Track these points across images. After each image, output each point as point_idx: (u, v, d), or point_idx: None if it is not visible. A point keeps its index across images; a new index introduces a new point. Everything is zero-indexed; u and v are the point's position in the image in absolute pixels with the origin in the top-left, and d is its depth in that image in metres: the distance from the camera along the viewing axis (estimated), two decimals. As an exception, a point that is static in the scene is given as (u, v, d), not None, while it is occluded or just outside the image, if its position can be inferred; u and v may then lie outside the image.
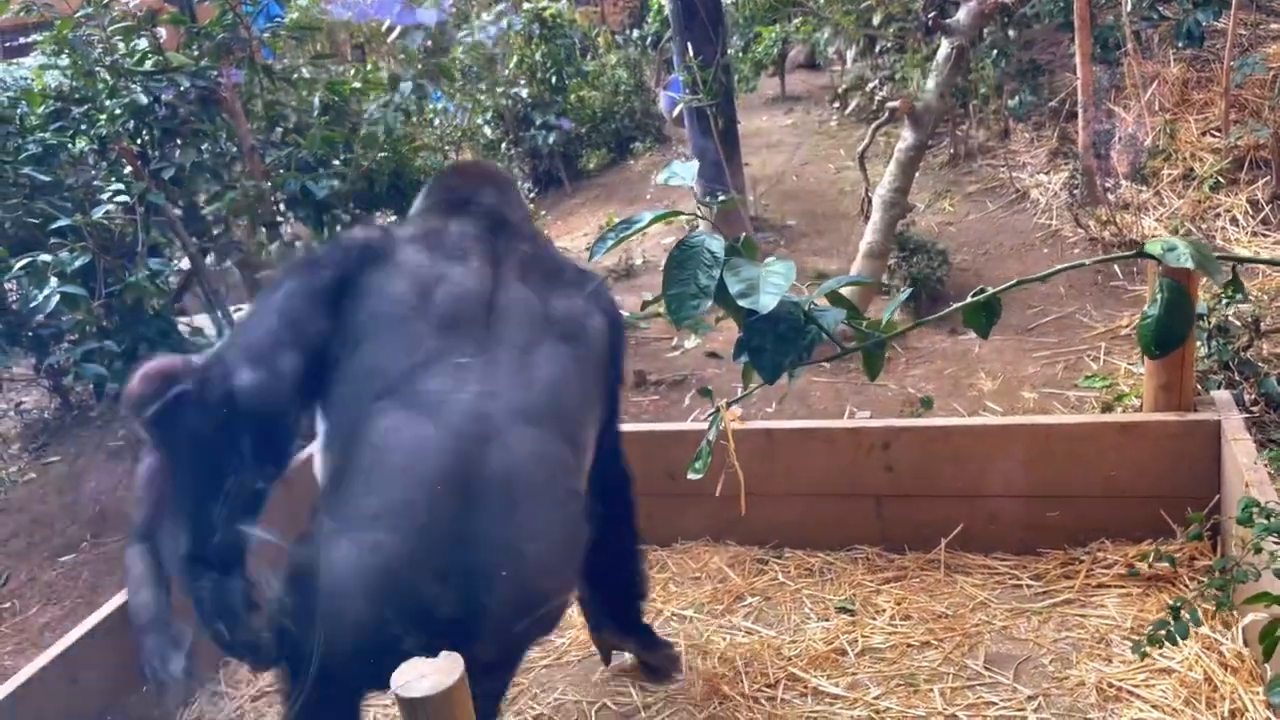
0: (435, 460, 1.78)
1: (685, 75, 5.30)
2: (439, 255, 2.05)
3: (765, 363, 1.52)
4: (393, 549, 1.74)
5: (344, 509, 1.79)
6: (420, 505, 1.75)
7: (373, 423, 1.81)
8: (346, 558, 1.75)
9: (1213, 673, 2.25)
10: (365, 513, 1.76)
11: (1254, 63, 4.96)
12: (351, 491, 1.80)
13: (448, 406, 1.81)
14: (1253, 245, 4.53)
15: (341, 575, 1.75)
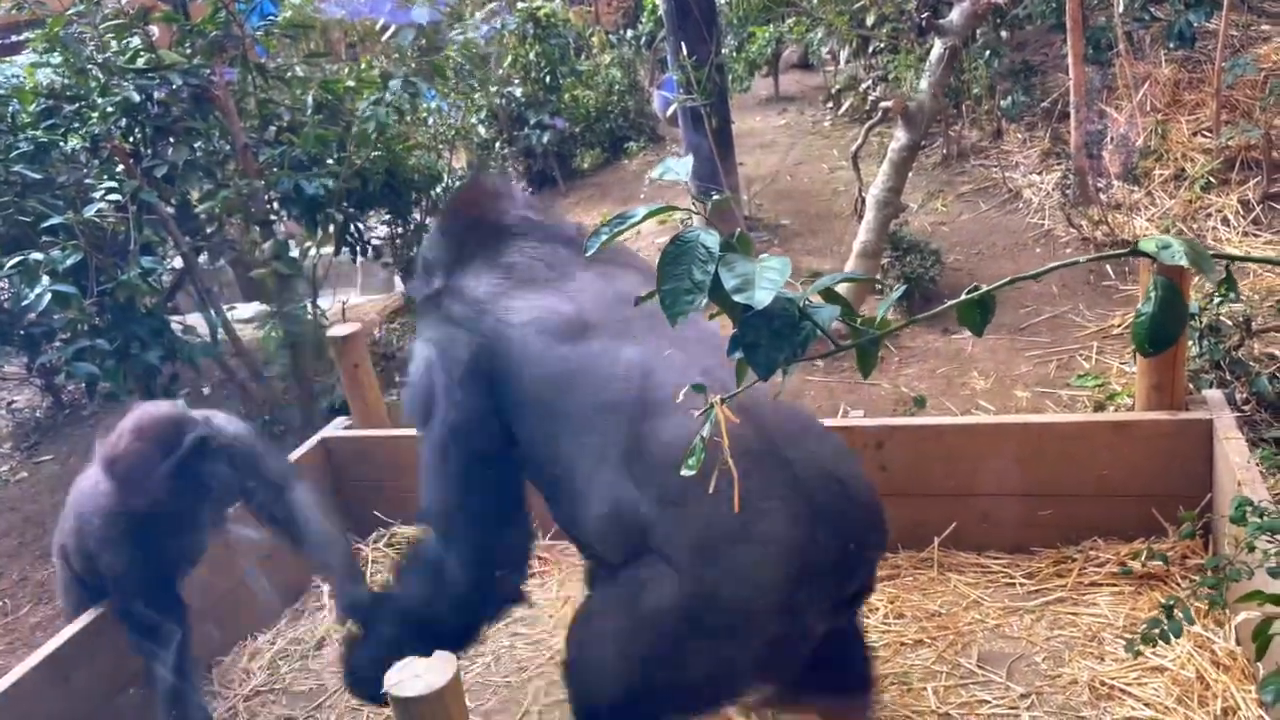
0: (758, 446, 1.78)
1: (679, 75, 5.30)
2: (541, 283, 2.10)
3: (760, 359, 1.51)
4: (796, 534, 1.74)
5: (718, 526, 1.74)
6: (784, 492, 1.76)
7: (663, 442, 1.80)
8: (763, 556, 1.73)
9: (1205, 671, 2.26)
10: (752, 514, 1.70)
11: (1245, 63, 4.98)
12: (708, 509, 1.70)
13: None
14: (1244, 245, 4.55)
15: (763, 573, 1.74)
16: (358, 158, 4.41)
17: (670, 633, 1.78)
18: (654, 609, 1.79)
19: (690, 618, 1.77)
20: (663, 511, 1.80)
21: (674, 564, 1.77)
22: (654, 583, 1.79)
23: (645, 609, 1.80)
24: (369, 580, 3.03)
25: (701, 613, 1.76)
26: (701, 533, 1.75)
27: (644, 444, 1.84)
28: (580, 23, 9.34)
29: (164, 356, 3.92)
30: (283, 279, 4.20)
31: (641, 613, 1.81)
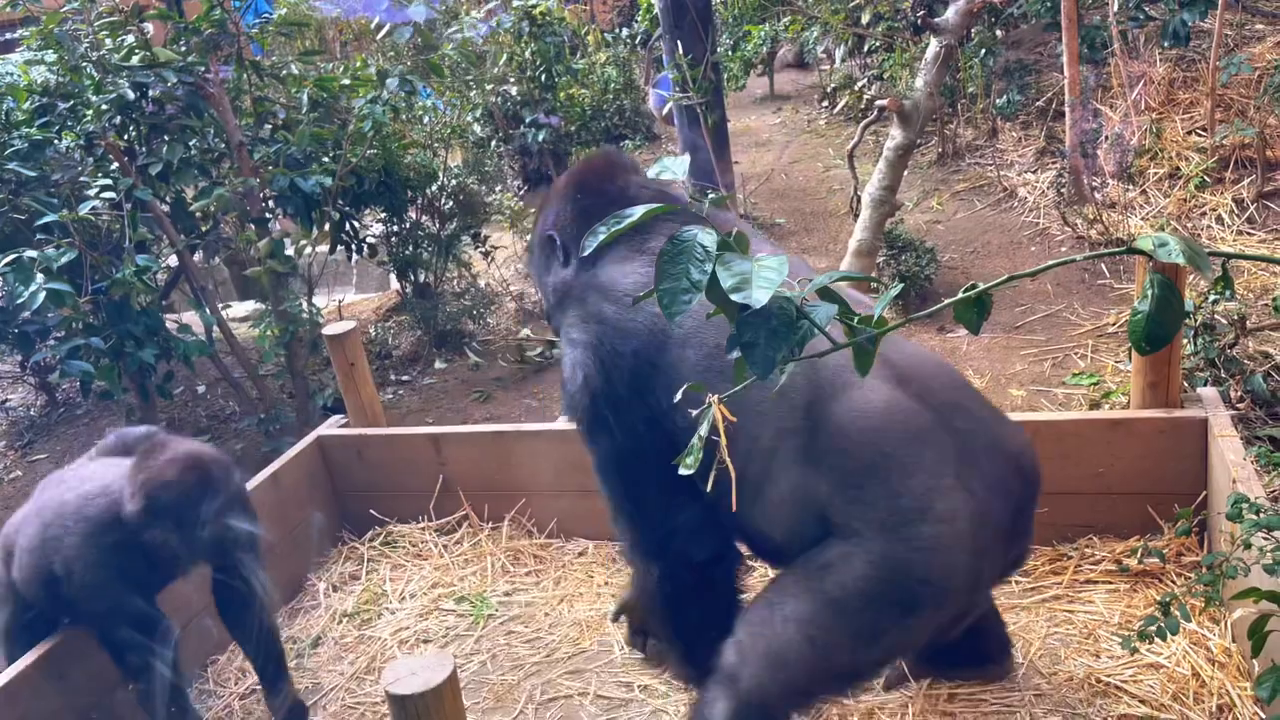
0: (929, 419, 1.82)
1: (675, 73, 5.30)
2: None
3: (758, 357, 1.51)
4: (976, 507, 1.78)
5: (903, 505, 1.78)
6: (959, 467, 1.80)
7: (850, 418, 1.83)
8: (949, 532, 1.76)
9: (1200, 668, 2.26)
10: (932, 489, 1.77)
11: (1239, 62, 4.99)
12: (890, 484, 1.79)
13: (888, 372, 1.86)
14: (1238, 244, 4.56)
15: (950, 547, 1.77)
16: (353, 156, 4.40)
17: (858, 611, 1.79)
18: (842, 590, 1.80)
19: (879, 596, 1.78)
20: (846, 493, 1.81)
21: (861, 544, 1.78)
22: (841, 564, 1.80)
23: (833, 590, 1.81)
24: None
25: (890, 590, 1.78)
26: (887, 513, 1.77)
27: (821, 427, 1.85)
28: (576, 21, 9.33)
29: (159, 355, 3.91)
30: (278, 277, 4.19)
31: (829, 594, 1.81)
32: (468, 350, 5.21)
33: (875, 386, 1.85)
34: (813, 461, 1.85)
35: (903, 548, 1.76)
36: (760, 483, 1.92)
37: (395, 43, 4.93)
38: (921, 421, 1.82)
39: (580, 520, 3.28)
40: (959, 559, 1.78)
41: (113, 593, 2.45)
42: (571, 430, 3.28)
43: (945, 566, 1.78)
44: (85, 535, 2.44)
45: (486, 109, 7.32)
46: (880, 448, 1.80)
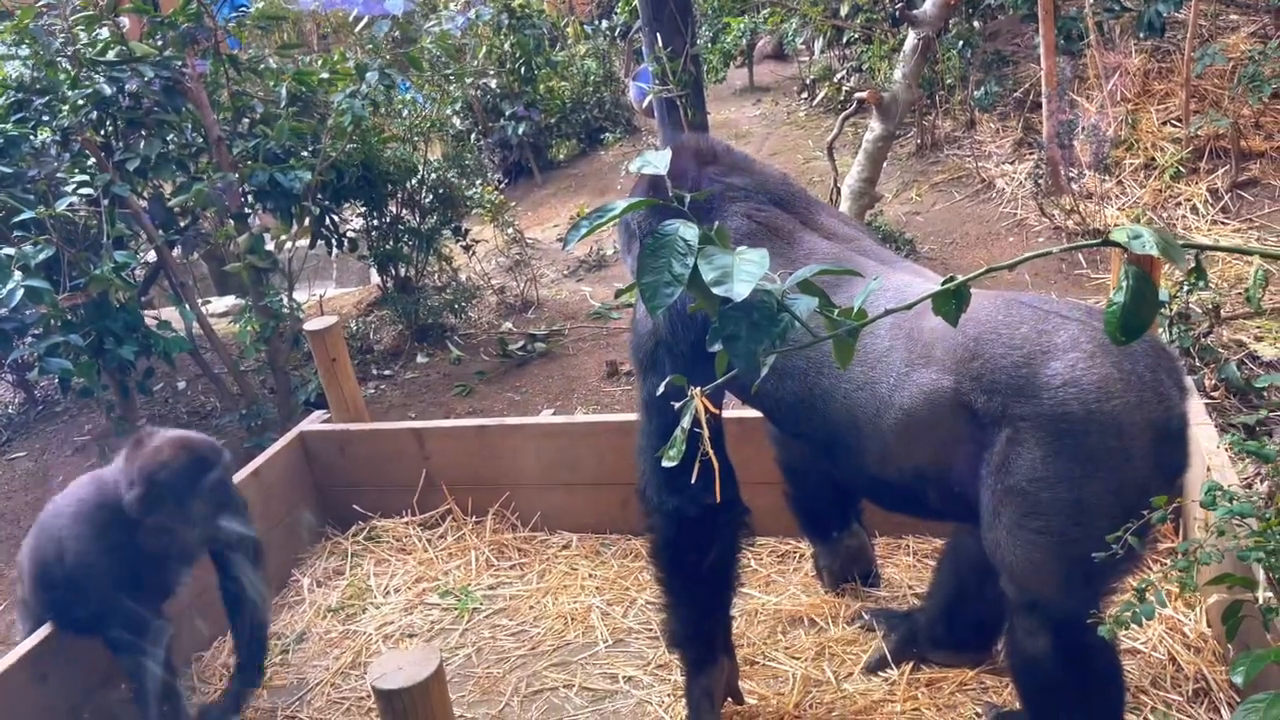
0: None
1: (655, 66, 5.30)
2: (778, 248, 2.12)
3: (740, 350, 1.53)
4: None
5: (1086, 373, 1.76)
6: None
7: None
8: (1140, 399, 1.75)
9: (1177, 653, 2.30)
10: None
11: (1214, 53, 5.04)
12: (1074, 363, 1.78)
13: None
14: (1212, 233, 4.61)
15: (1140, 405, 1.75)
16: (333, 150, 4.38)
17: (1076, 478, 1.76)
18: (1033, 465, 1.77)
19: (1063, 450, 1.75)
20: (984, 380, 1.81)
21: (1018, 416, 1.77)
22: (1014, 446, 1.79)
23: (1028, 472, 1.78)
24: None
25: (1066, 439, 1.75)
26: (1030, 374, 1.77)
27: (931, 345, 1.88)
28: (555, 13, 9.31)
29: (138, 352, 3.88)
30: (258, 273, 4.17)
31: (1028, 477, 1.78)
32: (449, 344, 5.20)
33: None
34: (938, 369, 1.87)
35: (1048, 397, 1.76)
36: (886, 418, 1.93)
37: (374, 36, 4.91)
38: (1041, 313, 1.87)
39: (564, 513, 3.29)
40: (1102, 391, 1.75)
41: (112, 594, 2.45)
42: (554, 423, 3.30)
43: (1091, 398, 1.74)
44: (82, 537, 2.44)
45: (466, 102, 7.31)
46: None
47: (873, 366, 1.96)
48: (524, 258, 5.73)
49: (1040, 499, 1.78)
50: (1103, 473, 1.74)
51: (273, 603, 3.23)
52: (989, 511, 1.87)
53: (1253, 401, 3.26)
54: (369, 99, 4.37)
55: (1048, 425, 1.77)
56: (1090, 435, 1.75)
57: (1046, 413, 1.76)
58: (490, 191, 5.69)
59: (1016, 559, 1.85)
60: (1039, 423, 1.77)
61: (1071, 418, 1.75)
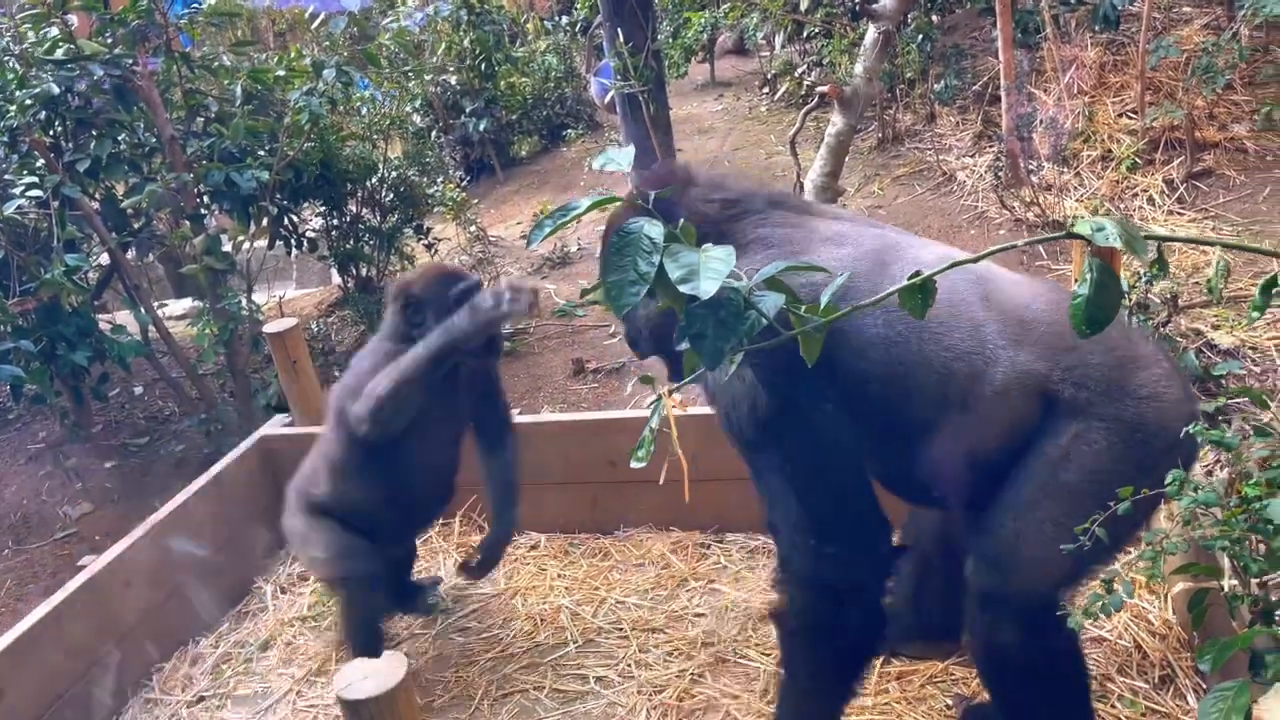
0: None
1: (616, 62, 5.28)
2: (802, 252, 2.04)
3: (707, 348, 1.51)
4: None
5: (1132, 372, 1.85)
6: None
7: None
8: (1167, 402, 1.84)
9: (1143, 640, 2.32)
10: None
11: (1168, 46, 5.11)
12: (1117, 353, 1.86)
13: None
14: (1169, 224, 4.67)
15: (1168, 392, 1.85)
16: (290, 149, 4.32)
17: (1106, 484, 1.75)
18: (1086, 471, 1.82)
19: (1121, 459, 1.81)
20: (1070, 372, 1.84)
21: (1092, 415, 1.82)
22: (1077, 444, 1.83)
23: (1077, 476, 1.83)
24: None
25: (1129, 450, 1.82)
26: (1121, 378, 1.84)
27: (1028, 326, 1.88)
28: (514, 8, 9.26)
29: (92, 357, 3.81)
30: (215, 275, 4.10)
31: (1074, 483, 1.83)
32: (413, 344, 5.15)
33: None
34: (1034, 352, 1.87)
35: (1132, 404, 1.82)
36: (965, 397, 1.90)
37: (331, 33, 4.84)
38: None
39: (531, 514, 3.25)
40: (1175, 409, 1.84)
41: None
42: (521, 424, 3.26)
43: (1167, 415, 1.83)
44: (363, 371, 2.57)
45: (426, 99, 7.24)
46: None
47: (969, 335, 1.91)
48: (487, 256, 5.69)
49: (1089, 496, 1.79)
50: (1149, 482, 1.76)
51: (235, 610, 3.18)
52: (1024, 502, 1.88)
53: (1211, 389, 3.31)
54: (326, 97, 4.31)
55: (1123, 430, 1.82)
56: (1153, 446, 1.82)
57: (1127, 418, 1.83)
58: (452, 189, 5.64)
59: (1044, 552, 1.84)
60: (1115, 426, 1.83)
61: (1146, 429, 1.83)
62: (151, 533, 2.96)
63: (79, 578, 2.77)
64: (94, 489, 4.33)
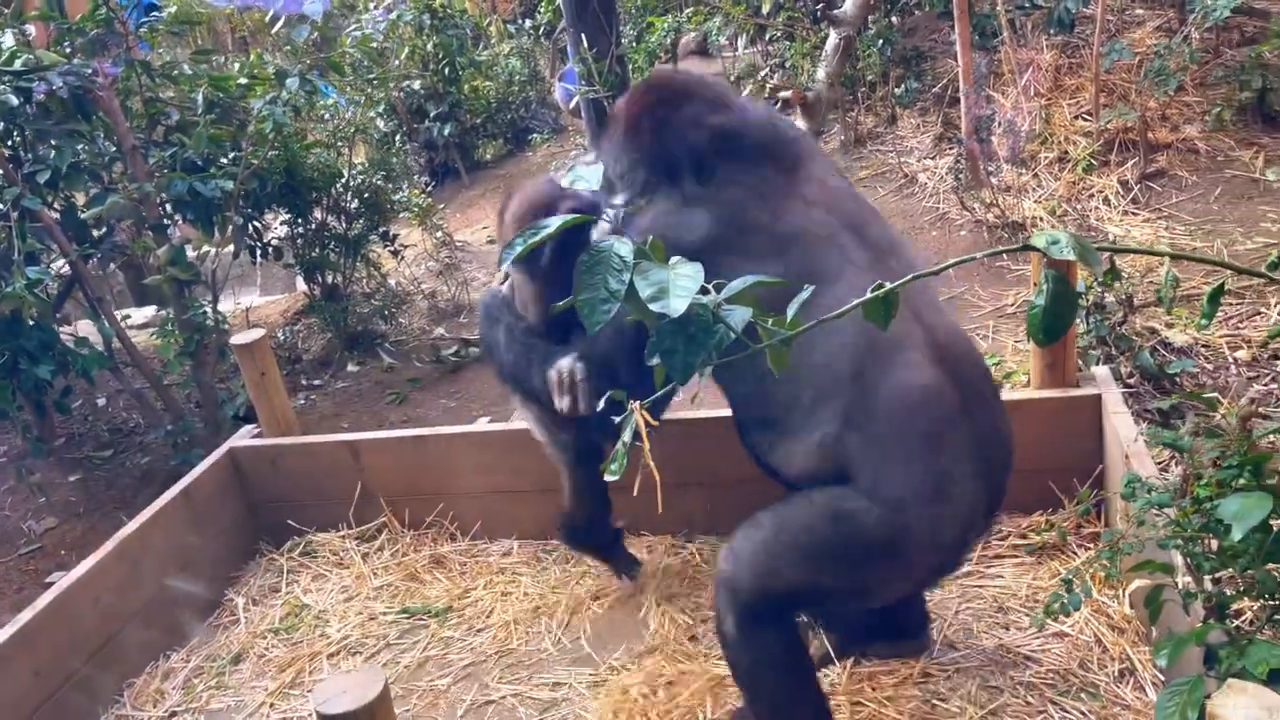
0: (956, 404, 1.96)
1: (580, 67, 5.30)
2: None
3: (677, 364, 1.55)
4: (974, 491, 1.94)
5: (921, 482, 1.92)
6: (970, 453, 1.93)
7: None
8: (951, 512, 1.93)
9: (1103, 635, 2.39)
10: (946, 475, 1.91)
11: (1121, 48, 5.22)
12: (919, 461, 1.93)
13: (930, 351, 1.96)
14: (1124, 223, 4.77)
15: (946, 526, 1.94)
16: (255, 158, 4.30)
17: (848, 543, 1.93)
18: (845, 527, 1.93)
19: (873, 542, 1.92)
20: (876, 457, 1.93)
21: (874, 501, 1.91)
22: (849, 504, 1.93)
23: (836, 525, 1.95)
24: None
25: (885, 545, 1.92)
26: (904, 486, 1.90)
27: (869, 394, 1.93)
28: (477, 12, 9.24)
29: (55, 370, 3.77)
30: (180, 285, 4.07)
31: (830, 511, 1.95)
32: (381, 352, 5.14)
33: (920, 363, 1.95)
34: (853, 424, 1.94)
35: (911, 517, 1.90)
36: (794, 429, 2.02)
37: (293, 40, 4.82)
38: (954, 407, 1.94)
39: (504, 521, 3.28)
40: (950, 535, 1.96)
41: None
42: (492, 431, 3.29)
43: (937, 541, 1.95)
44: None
45: (389, 104, 7.22)
46: (918, 426, 1.91)
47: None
48: (454, 261, 5.69)
49: (811, 523, 2.02)
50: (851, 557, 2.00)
51: (206, 623, 3.17)
52: (780, 502, 2.10)
53: (1165, 387, 3.39)
54: (290, 105, 4.29)
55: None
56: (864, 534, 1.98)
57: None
58: (418, 195, 5.63)
59: (765, 553, 2.06)
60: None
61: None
62: (120, 547, 2.95)
63: (48, 594, 2.75)
64: (58, 503, 4.28)
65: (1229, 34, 5.48)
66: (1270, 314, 3.75)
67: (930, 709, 2.32)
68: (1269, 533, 1.53)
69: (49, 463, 4.45)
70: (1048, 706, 2.25)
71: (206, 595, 3.24)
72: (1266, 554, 1.54)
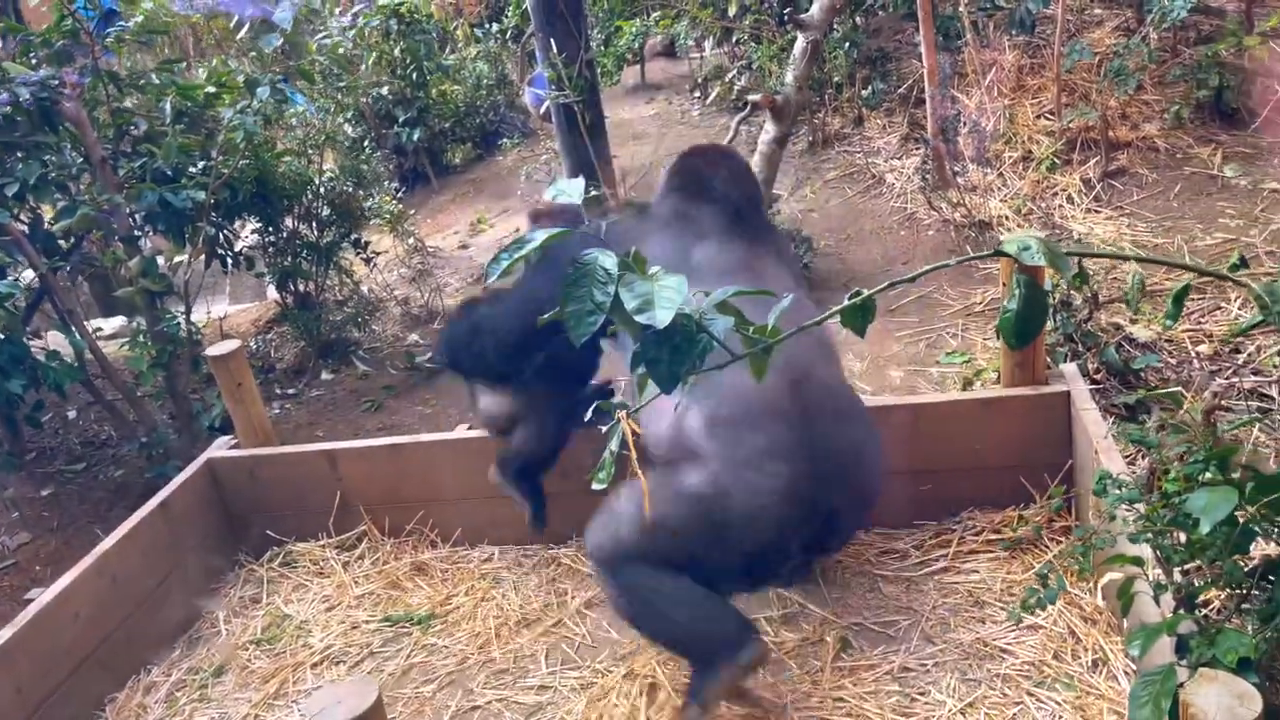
0: (795, 411, 2.30)
1: (550, 72, 5.31)
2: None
3: (662, 374, 1.58)
4: (793, 492, 2.24)
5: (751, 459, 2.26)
6: (797, 457, 2.24)
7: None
8: (765, 502, 2.24)
9: (1076, 626, 2.45)
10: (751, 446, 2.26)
11: (1081, 48, 5.32)
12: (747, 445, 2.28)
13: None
14: (1087, 221, 4.87)
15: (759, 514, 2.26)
16: (226, 167, 4.28)
17: (683, 509, 2.30)
18: (679, 487, 2.31)
19: (703, 509, 2.28)
20: (715, 434, 2.31)
21: (707, 469, 2.29)
22: (687, 474, 2.31)
23: (673, 486, 2.32)
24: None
25: (710, 511, 2.27)
26: (735, 459, 2.26)
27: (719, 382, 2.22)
28: (442, 16, 9.22)
29: (27, 385, 3.74)
30: (152, 296, 4.05)
31: (668, 486, 2.32)
32: (355, 359, 5.13)
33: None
34: (706, 408, 2.32)
35: (729, 489, 2.25)
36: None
37: (260, 48, 4.80)
38: (790, 415, 2.27)
39: (484, 527, 3.30)
40: (762, 522, 2.25)
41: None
42: (470, 438, 3.31)
43: (752, 518, 2.25)
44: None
45: (358, 110, 7.19)
46: (749, 421, 2.26)
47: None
48: (426, 267, 5.69)
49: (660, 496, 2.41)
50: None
51: (186, 636, 3.16)
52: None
53: (1131, 382, 3.47)
54: (260, 113, 4.28)
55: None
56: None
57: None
58: (388, 201, 5.62)
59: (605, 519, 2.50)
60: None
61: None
62: (99, 561, 2.93)
63: (28, 611, 2.73)
64: (31, 518, 4.24)
65: (1186, 33, 5.60)
66: (1231, 309, 3.84)
67: (910, 703, 2.37)
68: (1235, 525, 1.58)
69: (20, 477, 4.41)
70: (1024, 698, 2.31)
71: (187, 608, 3.23)
72: (1233, 546, 1.59)
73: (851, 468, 2.36)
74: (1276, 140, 5.05)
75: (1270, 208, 4.59)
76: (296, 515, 3.44)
